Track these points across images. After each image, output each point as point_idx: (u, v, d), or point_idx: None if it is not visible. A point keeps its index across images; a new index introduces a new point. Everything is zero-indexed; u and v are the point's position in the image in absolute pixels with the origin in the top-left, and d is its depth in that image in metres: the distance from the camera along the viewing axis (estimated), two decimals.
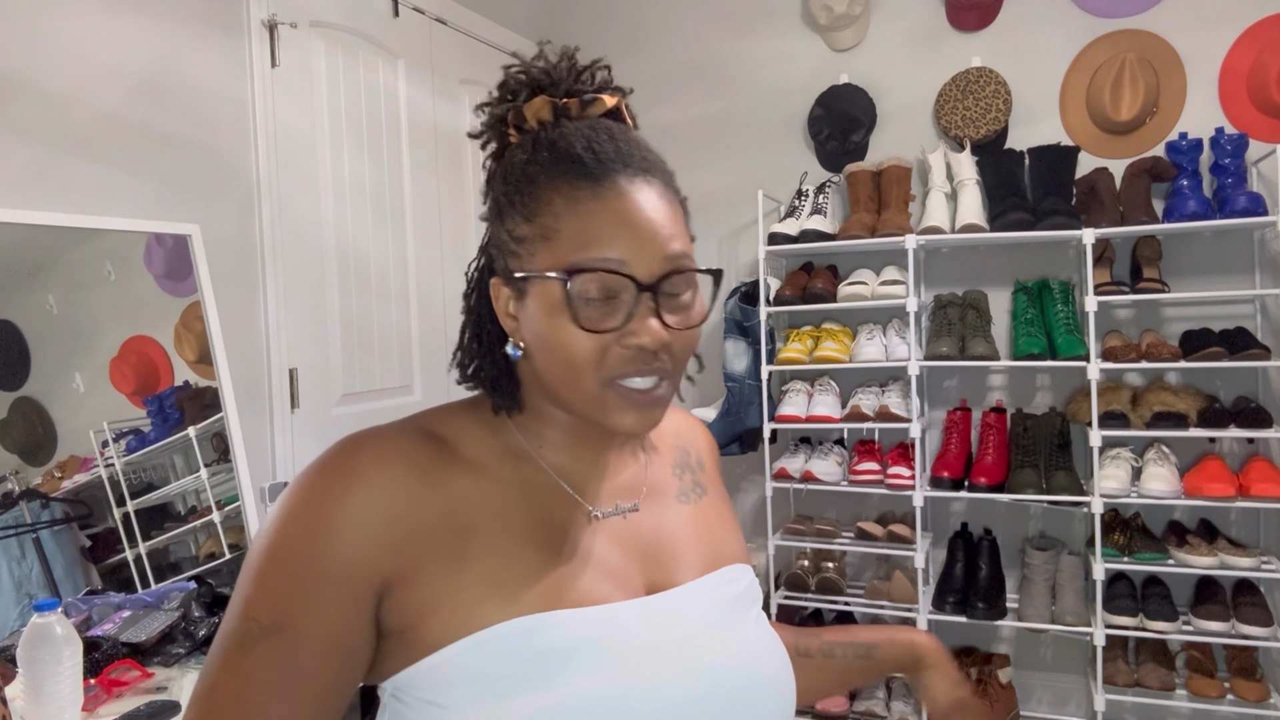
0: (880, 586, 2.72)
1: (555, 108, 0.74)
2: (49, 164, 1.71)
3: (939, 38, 2.92)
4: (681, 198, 0.76)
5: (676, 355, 0.72)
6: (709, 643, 0.73)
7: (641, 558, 0.76)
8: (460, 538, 0.69)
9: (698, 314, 0.73)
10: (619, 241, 0.68)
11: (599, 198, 0.69)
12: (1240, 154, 2.51)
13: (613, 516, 0.78)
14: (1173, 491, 2.41)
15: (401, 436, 0.72)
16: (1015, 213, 2.58)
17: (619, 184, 0.69)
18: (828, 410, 2.71)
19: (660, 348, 0.69)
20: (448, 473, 0.71)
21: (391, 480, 0.68)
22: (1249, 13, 2.59)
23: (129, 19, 1.86)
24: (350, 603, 0.66)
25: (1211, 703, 2.40)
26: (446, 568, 0.68)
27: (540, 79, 0.75)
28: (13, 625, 1.50)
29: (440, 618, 0.66)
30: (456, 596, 0.67)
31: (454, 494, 0.71)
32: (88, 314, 1.74)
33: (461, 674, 0.65)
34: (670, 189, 0.73)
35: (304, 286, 2.26)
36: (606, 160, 0.70)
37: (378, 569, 0.66)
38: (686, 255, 0.71)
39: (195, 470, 1.88)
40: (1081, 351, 2.49)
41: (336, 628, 0.65)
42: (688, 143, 3.22)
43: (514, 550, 0.70)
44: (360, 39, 2.47)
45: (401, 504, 0.68)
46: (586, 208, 0.68)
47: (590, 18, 3.39)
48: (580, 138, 0.71)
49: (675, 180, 0.76)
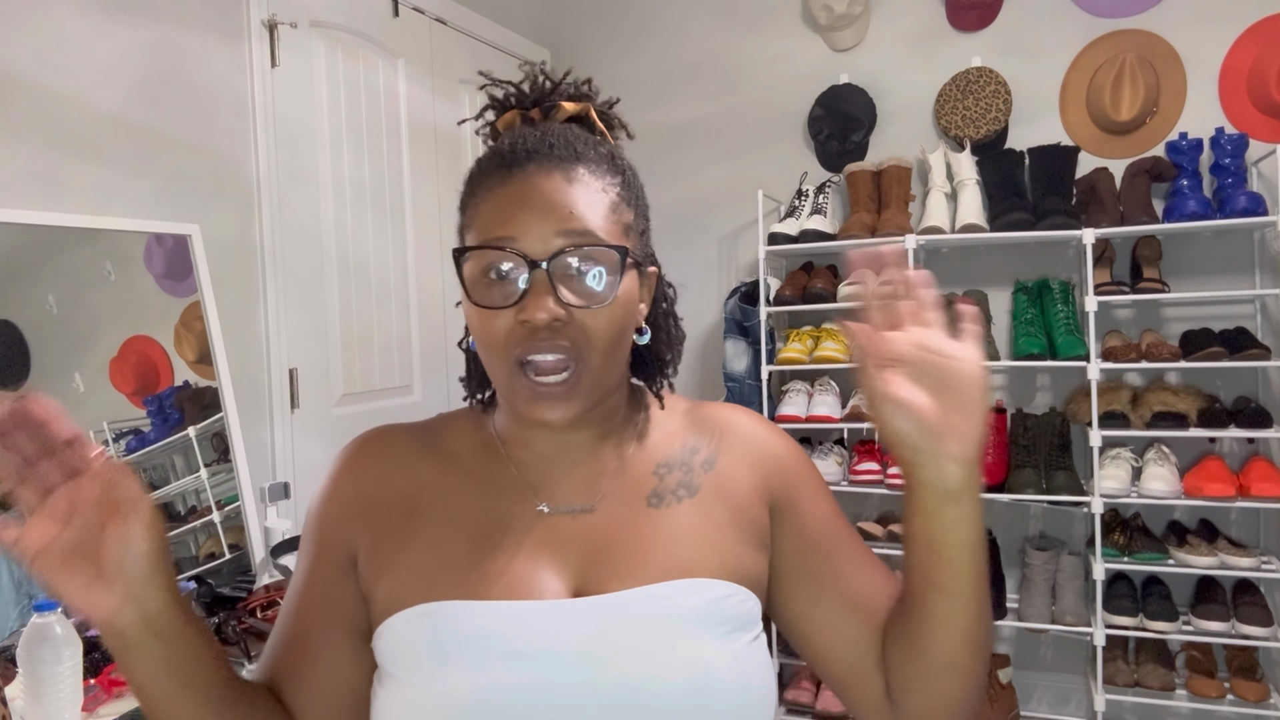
0: None
1: (523, 118, 0.80)
2: (49, 164, 1.71)
3: (939, 38, 2.92)
4: (626, 192, 0.76)
5: (586, 337, 0.70)
6: (616, 655, 0.68)
7: (579, 559, 0.73)
8: (409, 520, 0.76)
9: (603, 295, 0.70)
10: (514, 220, 0.70)
11: (505, 183, 0.72)
12: (1240, 154, 2.51)
13: (561, 514, 0.76)
14: (1173, 491, 2.41)
15: (396, 430, 0.82)
16: (1015, 213, 2.58)
17: (527, 170, 0.71)
18: (828, 410, 2.71)
19: (553, 324, 0.69)
20: (421, 461, 0.79)
21: (369, 464, 0.79)
22: (1249, 12, 2.59)
23: (129, 19, 1.86)
24: (335, 566, 0.76)
25: (1212, 703, 2.40)
26: (392, 544, 0.75)
27: (514, 97, 0.81)
28: (13, 625, 1.50)
29: (381, 590, 0.74)
30: (392, 574, 0.74)
31: (420, 480, 0.78)
32: (88, 314, 1.74)
33: (391, 648, 0.71)
34: (599, 178, 0.73)
35: (304, 286, 2.26)
36: (521, 151, 0.72)
37: (348, 538, 0.77)
38: (589, 234, 0.70)
39: (195, 470, 1.88)
40: (1081, 351, 2.49)
41: (329, 587, 0.76)
42: (688, 143, 3.22)
43: (448, 538, 0.74)
44: (360, 39, 2.47)
45: (372, 484, 0.78)
46: (494, 193, 0.72)
47: (590, 18, 3.39)
48: (512, 136, 0.76)
49: (622, 174, 0.76)
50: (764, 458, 0.81)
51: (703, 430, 0.82)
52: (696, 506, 0.77)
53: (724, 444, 0.81)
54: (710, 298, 3.19)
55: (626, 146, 0.86)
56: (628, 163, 0.79)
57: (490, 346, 0.72)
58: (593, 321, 0.70)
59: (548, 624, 0.69)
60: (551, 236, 0.69)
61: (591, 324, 0.70)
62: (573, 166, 0.72)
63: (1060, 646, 2.83)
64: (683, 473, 0.79)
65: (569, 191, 0.71)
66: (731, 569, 0.74)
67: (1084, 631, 2.50)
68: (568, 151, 0.73)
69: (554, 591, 0.71)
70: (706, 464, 0.80)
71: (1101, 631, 2.46)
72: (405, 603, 0.71)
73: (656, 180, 3.61)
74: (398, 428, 0.83)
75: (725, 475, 0.79)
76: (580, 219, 0.70)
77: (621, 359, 0.76)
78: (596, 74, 0.88)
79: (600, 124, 0.82)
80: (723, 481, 0.79)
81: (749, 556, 0.77)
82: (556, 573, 0.73)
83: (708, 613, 0.71)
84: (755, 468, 0.80)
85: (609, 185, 0.74)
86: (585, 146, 0.74)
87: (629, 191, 0.76)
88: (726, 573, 0.73)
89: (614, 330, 0.72)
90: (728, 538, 0.76)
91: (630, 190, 0.77)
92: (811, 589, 0.79)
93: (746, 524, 0.78)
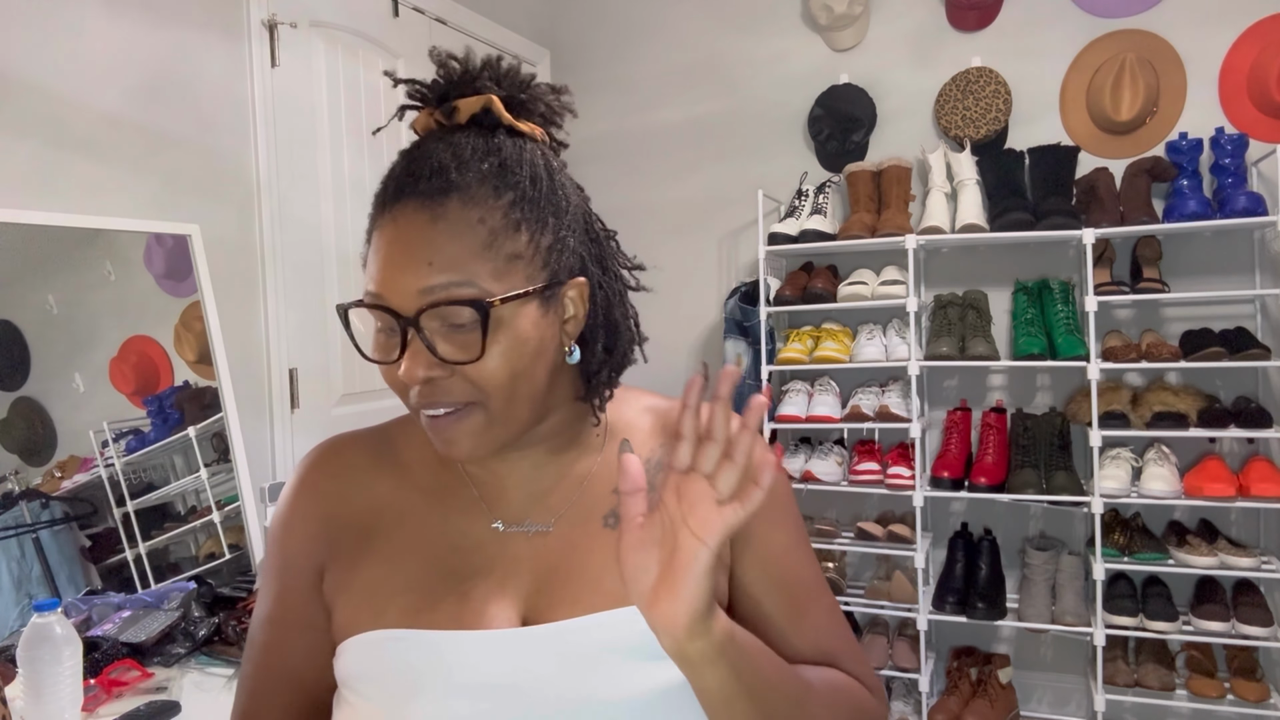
0: (880, 587, 2.72)
1: (435, 120, 0.72)
2: (49, 164, 1.71)
3: (939, 38, 2.92)
4: (517, 211, 0.67)
5: (476, 386, 0.66)
6: (560, 688, 0.66)
7: (531, 583, 0.71)
8: (363, 540, 0.75)
9: (473, 352, 0.65)
10: (382, 274, 0.66)
11: (379, 225, 0.68)
12: (1240, 154, 2.51)
13: (515, 533, 0.74)
14: (1173, 491, 2.41)
15: (350, 442, 0.80)
16: (1015, 213, 2.58)
17: (392, 212, 0.67)
18: (828, 410, 2.71)
19: (433, 381, 0.65)
20: (377, 476, 0.77)
21: (326, 482, 0.77)
22: (1249, 12, 2.59)
23: (129, 19, 1.86)
24: (308, 589, 0.75)
25: (1212, 703, 2.40)
26: (349, 565, 0.74)
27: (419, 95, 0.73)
28: (13, 625, 1.50)
29: (338, 611, 0.73)
30: (348, 595, 0.73)
31: (375, 497, 0.76)
32: (88, 314, 1.74)
33: (345, 672, 0.71)
34: (474, 206, 0.66)
35: (304, 286, 2.26)
36: (391, 187, 0.68)
37: (316, 557, 0.75)
38: (451, 286, 0.64)
39: (195, 470, 1.87)
40: (1081, 351, 2.49)
41: (305, 609, 0.74)
42: (688, 143, 3.22)
43: (402, 559, 0.73)
44: (360, 39, 2.47)
45: (330, 503, 0.76)
46: (374, 236, 0.68)
47: (590, 18, 3.39)
48: (404, 155, 0.70)
49: (514, 189, 0.67)
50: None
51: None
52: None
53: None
54: (710, 298, 3.19)
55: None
56: (534, 166, 0.69)
57: (397, 394, 0.70)
58: (477, 373, 0.65)
59: (494, 656, 0.67)
60: (414, 294, 0.64)
61: (476, 375, 0.66)
62: (440, 201, 0.65)
63: (1060, 646, 2.83)
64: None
65: (432, 237, 0.64)
66: None
67: (1084, 631, 2.50)
68: (439, 182, 0.66)
69: (503, 619, 0.69)
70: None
71: (1101, 631, 2.46)
72: (359, 626, 0.71)
73: (657, 180, 3.62)
74: (352, 439, 0.81)
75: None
76: (441, 271, 0.64)
77: (532, 393, 0.69)
78: (596, 74, 0.87)
79: (509, 116, 0.71)
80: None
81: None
82: (508, 598, 0.71)
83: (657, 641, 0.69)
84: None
85: (488, 212, 0.66)
86: (462, 169, 0.66)
87: (521, 209, 0.67)
88: None
89: (505, 374, 0.66)
90: None
91: (524, 205, 0.68)
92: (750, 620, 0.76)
93: None
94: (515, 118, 0.72)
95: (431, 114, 0.72)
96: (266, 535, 0.79)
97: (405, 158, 0.69)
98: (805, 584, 0.79)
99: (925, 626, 2.64)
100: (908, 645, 2.69)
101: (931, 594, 2.71)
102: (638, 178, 3.24)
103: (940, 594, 2.67)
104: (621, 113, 3.27)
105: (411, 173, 0.67)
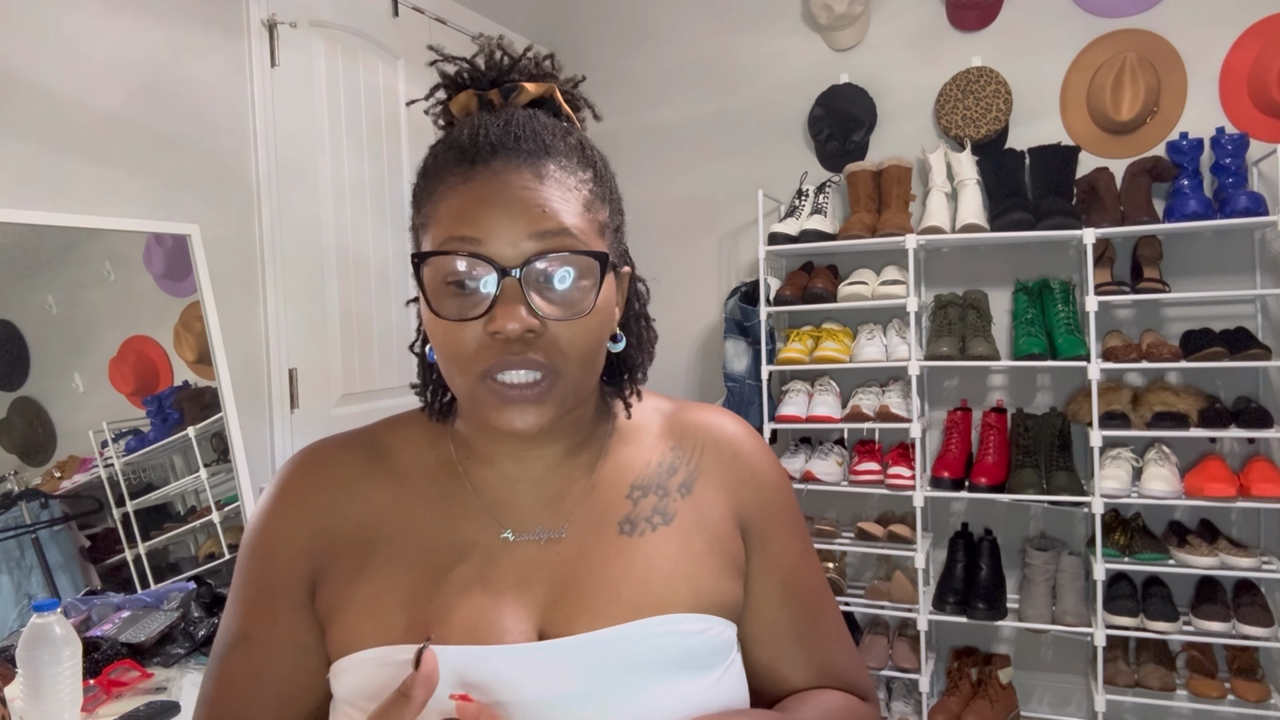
0: (880, 587, 2.72)
1: (481, 100, 0.71)
2: (49, 164, 1.71)
3: (939, 37, 2.91)
4: (599, 186, 0.69)
5: (561, 351, 0.64)
6: (581, 704, 0.64)
7: (546, 594, 0.68)
8: (363, 553, 0.70)
9: (582, 306, 0.64)
10: (480, 221, 0.63)
11: (468, 180, 0.65)
12: (1241, 154, 2.51)
13: (527, 542, 0.70)
14: (1173, 491, 2.41)
15: (336, 450, 0.75)
16: (1015, 213, 2.58)
17: (492, 166, 0.64)
18: (828, 410, 2.71)
19: (525, 336, 0.62)
20: (371, 486, 0.73)
21: (315, 494, 0.73)
22: (1249, 12, 2.59)
23: (129, 19, 1.86)
24: (297, 606, 0.71)
25: (1212, 703, 2.40)
26: (346, 580, 0.70)
27: (467, 75, 0.72)
28: (12, 625, 1.50)
29: (335, 630, 0.69)
30: (347, 611, 0.69)
31: (372, 507, 0.72)
32: (88, 314, 1.74)
33: (348, 689, 0.68)
34: (570, 173, 0.66)
35: (304, 286, 2.26)
36: (485, 145, 0.65)
37: (306, 573, 0.71)
38: (565, 236, 0.63)
39: (195, 470, 1.87)
40: (1082, 351, 2.49)
41: (294, 628, 0.70)
42: (688, 143, 3.22)
43: (405, 572, 0.69)
44: (360, 39, 2.47)
45: (322, 517, 0.72)
46: (456, 191, 0.65)
47: (590, 18, 3.38)
48: (472, 126, 0.68)
49: (593, 167, 0.69)
50: (744, 483, 0.77)
51: (683, 444, 0.77)
52: (671, 535, 0.71)
53: (703, 463, 0.76)
54: (710, 298, 3.19)
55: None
56: (598, 152, 0.72)
57: (455, 359, 0.65)
58: (568, 334, 0.64)
59: (510, 671, 0.64)
60: (523, 239, 0.62)
61: (567, 336, 0.64)
62: (542, 162, 0.65)
63: (1061, 647, 2.83)
64: (658, 497, 0.73)
65: (540, 189, 0.64)
66: (707, 601, 0.70)
67: (1084, 632, 2.50)
68: (536, 145, 0.66)
69: (518, 633, 0.66)
70: (684, 488, 0.74)
71: (1102, 632, 2.46)
72: (362, 643, 0.67)
73: (657, 180, 3.62)
74: (338, 446, 0.75)
75: (703, 501, 0.74)
76: (555, 218, 0.63)
77: (597, 369, 0.69)
78: (596, 74, 0.87)
79: (566, 106, 0.73)
80: (700, 509, 0.74)
81: (726, 585, 0.72)
82: (522, 611, 0.67)
83: (678, 652, 0.67)
84: (733, 493, 0.76)
85: (581, 181, 0.67)
86: (554, 138, 0.67)
87: (602, 186, 0.69)
88: (702, 605, 0.69)
89: (591, 342, 0.66)
90: (704, 568, 0.71)
91: (603, 184, 0.70)
92: (753, 630, 0.76)
93: (724, 553, 0.73)
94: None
95: (480, 95, 0.71)
96: (241, 548, 0.74)
97: (481, 123, 0.67)
98: (816, 591, 0.79)
99: (925, 627, 2.64)
100: (908, 645, 2.69)
101: (932, 594, 2.71)
102: (638, 177, 3.23)
103: (940, 594, 2.67)
104: (621, 112, 3.27)
105: (504, 134, 0.65)
